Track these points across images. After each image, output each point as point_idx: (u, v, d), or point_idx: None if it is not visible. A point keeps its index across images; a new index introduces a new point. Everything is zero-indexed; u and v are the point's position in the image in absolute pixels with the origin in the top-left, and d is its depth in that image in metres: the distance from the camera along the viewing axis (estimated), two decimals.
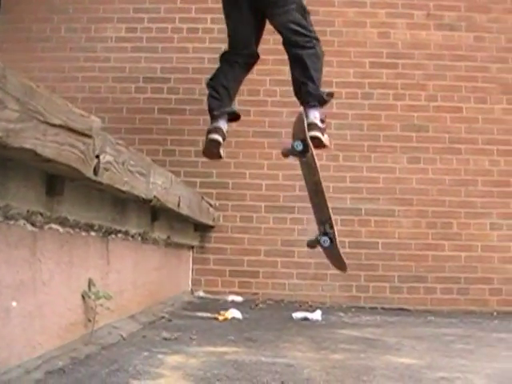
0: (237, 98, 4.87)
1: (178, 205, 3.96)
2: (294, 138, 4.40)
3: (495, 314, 5.52)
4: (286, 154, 4.51)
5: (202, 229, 5.71)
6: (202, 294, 5.66)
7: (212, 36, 6.10)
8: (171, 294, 4.82)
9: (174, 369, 2.41)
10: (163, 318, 3.86)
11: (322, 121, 4.48)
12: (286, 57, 4.71)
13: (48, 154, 1.82)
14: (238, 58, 4.61)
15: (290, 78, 5.93)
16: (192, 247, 5.73)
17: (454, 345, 3.54)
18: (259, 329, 3.76)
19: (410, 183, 5.91)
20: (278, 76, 5.96)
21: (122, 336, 2.98)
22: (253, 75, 5.99)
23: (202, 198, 5.21)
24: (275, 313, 4.77)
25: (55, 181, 2.17)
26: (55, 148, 1.86)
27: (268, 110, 5.99)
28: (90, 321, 2.73)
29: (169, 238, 4.38)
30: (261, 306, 5.23)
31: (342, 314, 5.01)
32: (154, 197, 3.25)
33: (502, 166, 5.93)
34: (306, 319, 4.39)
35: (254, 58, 4.70)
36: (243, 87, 5.98)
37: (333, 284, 5.78)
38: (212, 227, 5.80)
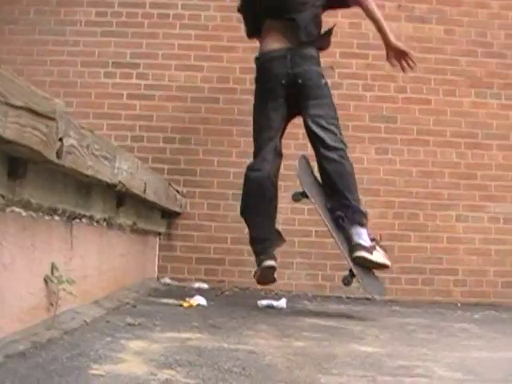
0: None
1: (144, 190, 3.94)
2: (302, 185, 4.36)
3: (459, 304, 5.57)
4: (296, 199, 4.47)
5: (169, 215, 5.69)
6: (168, 280, 5.65)
7: (183, 22, 6.07)
8: (137, 280, 4.80)
9: (135, 354, 2.40)
10: (128, 303, 3.84)
11: (373, 239, 4.28)
12: (256, 45, 4.71)
13: (9, 135, 1.80)
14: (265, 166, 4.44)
15: None
16: (159, 234, 5.71)
17: (416, 334, 3.57)
18: (224, 316, 3.76)
19: (377, 174, 5.94)
20: (247, 64, 5.93)
21: (85, 321, 2.96)
22: (222, 63, 6.01)
23: (169, 184, 5.19)
24: (241, 300, 4.78)
25: (17, 163, 2.14)
26: (16, 130, 1.84)
27: (237, 98, 5.97)
28: (52, 305, 2.71)
29: (135, 224, 4.36)
30: (226, 293, 5.24)
31: (307, 303, 5.03)
32: (120, 182, 3.23)
33: (470, 158, 5.98)
34: (271, 307, 4.40)
35: (280, 157, 4.56)
36: (212, 74, 6.00)
37: (299, 273, 5.79)
38: (179, 214, 5.78)
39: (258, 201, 4.43)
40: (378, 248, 4.21)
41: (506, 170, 5.97)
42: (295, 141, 5.58)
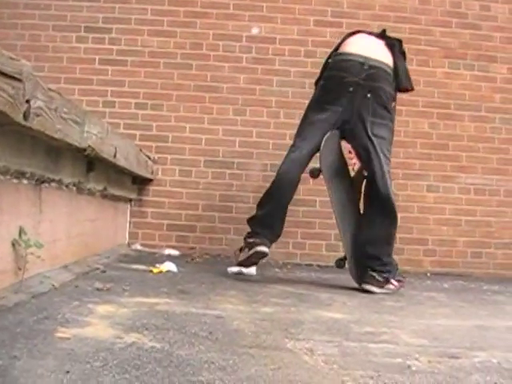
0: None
1: (115, 155, 3.92)
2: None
3: (428, 274, 5.63)
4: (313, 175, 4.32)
5: (140, 182, 5.68)
6: (138, 247, 5.64)
7: None
8: (107, 246, 4.78)
9: (103, 318, 2.40)
10: (97, 269, 3.84)
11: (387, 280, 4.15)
12: (229, 11, 4.67)
13: None
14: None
15: (233, 33, 5.94)
16: (130, 200, 5.69)
17: (384, 302, 3.61)
18: (193, 282, 3.76)
19: None
20: (221, 30, 5.92)
21: (53, 285, 2.95)
22: (196, 29, 5.97)
23: (141, 150, 5.17)
24: (211, 267, 4.78)
25: None
26: None
27: (210, 65, 5.93)
28: (20, 269, 2.69)
29: (105, 189, 4.34)
30: (197, 260, 5.24)
31: (277, 270, 5.06)
32: (89, 146, 3.20)
33: (442, 129, 6.01)
34: (240, 274, 4.41)
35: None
36: (185, 40, 5.95)
37: None
38: (150, 180, 5.76)
39: (283, 185, 4.31)
40: (391, 282, 4.13)
41: (477, 142, 6.01)
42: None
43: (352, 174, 4.39)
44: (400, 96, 5.94)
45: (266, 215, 4.27)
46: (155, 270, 4.11)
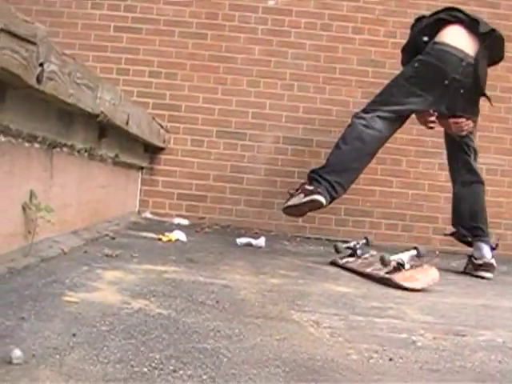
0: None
1: (127, 123, 3.92)
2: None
3: (437, 252, 5.61)
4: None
5: (152, 150, 5.68)
6: (148, 215, 5.65)
7: None
8: (117, 213, 4.80)
9: (110, 283, 2.42)
10: (107, 235, 3.85)
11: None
12: None
13: None
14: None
15: (249, 4, 5.90)
16: (141, 168, 5.70)
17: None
18: (202, 251, 3.78)
19: None
20: (237, 1, 5.88)
21: (62, 250, 2.97)
22: None
23: (153, 118, 5.16)
24: (220, 237, 4.80)
25: None
26: None
27: (225, 35, 5.89)
28: (30, 233, 2.70)
29: (117, 156, 4.34)
30: (206, 230, 5.25)
31: (286, 243, 5.06)
32: (102, 112, 3.20)
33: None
34: (249, 245, 4.42)
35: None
36: (201, 9, 5.92)
37: (280, 213, 5.75)
38: (162, 149, 5.76)
39: (365, 150, 4.27)
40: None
41: (491, 122, 5.95)
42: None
43: None
44: None
45: (340, 169, 4.17)
46: (164, 239, 4.12)
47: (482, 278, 4.10)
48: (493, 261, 4.19)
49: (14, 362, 1.38)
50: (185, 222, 5.50)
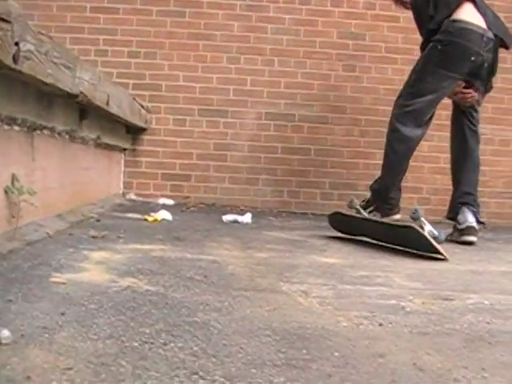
0: None
1: (107, 103, 3.89)
2: None
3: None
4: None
5: (134, 131, 5.65)
6: (133, 196, 5.64)
7: None
8: (101, 195, 4.78)
9: (98, 263, 2.40)
10: (92, 218, 3.84)
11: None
12: None
13: None
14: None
15: None
16: (124, 149, 5.67)
17: (379, 247, 3.62)
18: (188, 230, 3.77)
19: (344, 91, 5.92)
20: None
21: (47, 233, 2.95)
22: None
23: (134, 98, 5.13)
24: (206, 216, 4.79)
25: None
26: None
27: (203, 12, 5.86)
28: (13, 217, 2.68)
29: (99, 138, 4.31)
30: (192, 209, 5.25)
31: (272, 218, 5.06)
32: (81, 92, 3.17)
33: None
34: (235, 222, 4.42)
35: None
36: None
37: (264, 189, 5.81)
38: (144, 130, 5.73)
39: (408, 156, 4.47)
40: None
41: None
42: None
43: None
44: (396, 45, 5.95)
45: (395, 174, 4.56)
46: (150, 219, 4.11)
47: (466, 242, 4.15)
48: (475, 225, 4.24)
49: (3, 342, 1.37)
50: (170, 201, 5.48)
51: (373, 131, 5.90)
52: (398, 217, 4.44)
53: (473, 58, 4.19)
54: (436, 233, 3.76)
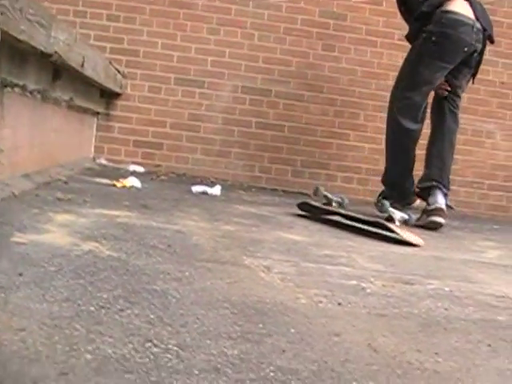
0: None
1: (82, 65, 3.83)
2: None
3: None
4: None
5: (109, 95, 5.59)
6: (103, 161, 5.59)
7: None
8: (71, 158, 4.73)
9: (61, 226, 2.38)
10: (60, 180, 3.80)
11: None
12: None
13: None
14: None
15: None
16: (97, 113, 5.62)
17: (346, 227, 3.62)
18: (156, 198, 3.75)
19: (322, 70, 5.90)
20: None
21: (13, 193, 2.91)
22: None
23: (110, 62, 5.08)
24: (176, 185, 4.77)
25: None
26: None
27: None
28: None
29: (71, 99, 4.26)
30: (162, 177, 5.22)
31: (242, 192, 5.06)
32: (55, 52, 3.12)
33: None
34: (205, 193, 4.41)
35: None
36: None
37: (236, 163, 5.80)
38: (119, 95, 5.68)
39: (413, 147, 4.54)
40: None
41: None
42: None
43: None
44: (377, 28, 5.94)
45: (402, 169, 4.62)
46: (119, 185, 4.08)
47: (434, 223, 4.20)
48: (444, 207, 4.29)
49: None
50: (140, 169, 5.45)
51: (348, 112, 5.91)
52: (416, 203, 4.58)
53: (466, 49, 4.31)
54: (406, 216, 3.80)
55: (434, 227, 4.20)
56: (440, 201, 4.30)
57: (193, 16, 5.77)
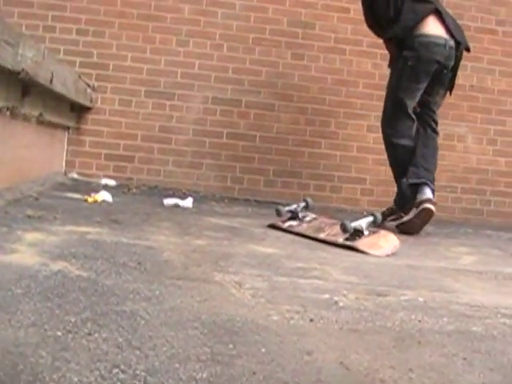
0: None
1: (51, 81, 3.81)
2: None
3: (365, 213, 5.65)
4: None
5: (79, 109, 5.56)
6: (75, 175, 5.56)
7: None
8: (42, 173, 4.70)
9: (30, 245, 2.36)
10: (30, 196, 3.77)
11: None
12: None
13: None
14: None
15: None
16: (67, 128, 5.58)
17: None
18: (127, 212, 3.73)
19: (292, 79, 5.92)
20: None
21: None
22: None
23: (80, 77, 5.05)
24: (147, 198, 4.76)
25: None
26: None
27: None
28: None
29: (41, 115, 4.23)
30: (134, 190, 5.20)
31: (214, 204, 5.05)
32: (23, 70, 3.10)
33: (384, 70, 5.96)
34: (177, 206, 4.39)
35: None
36: None
37: (208, 174, 5.79)
38: (89, 109, 5.66)
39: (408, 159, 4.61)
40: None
41: None
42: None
43: None
44: (345, 35, 5.97)
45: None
46: (90, 200, 4.06)
47: (427, 210, 4.34)
48: (433, 199, 4.45)
49: None
50: (112, 182, 5.43)
51: (319, 120, 5.93)
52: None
53: (436, 67, 4.48)
54: (371, 218, 3.66)
55: (428, 216, 4.36)
56: (429, 194, 4.42)
57: (162, 28, 5.76)
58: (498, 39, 6.21)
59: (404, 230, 4.39)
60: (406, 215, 4.51)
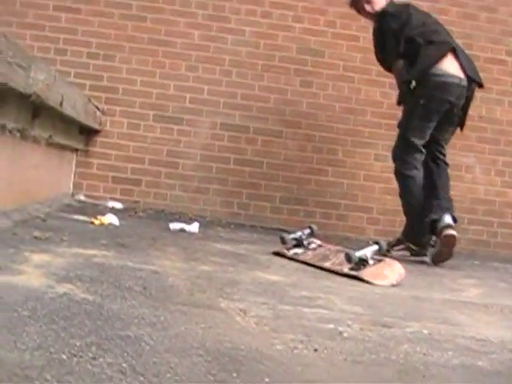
0: None
1: (61, 104, 3.84)
2: None
3: (370, 242, 5.63)
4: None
5: (88, 132, 5.60)
6: (82, 197, 5.58)
7: None
8: (50, 194, 4.72)
9: (37, 267, 2.36)
10: (38, 217, 3.78)
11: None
12: None
13: None
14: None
15: None
16: (76, 150, 5.61)
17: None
18: (134, 236, 3.74)
19: (300, 106, 5.95)
20: None
21: None
22: None
23: (89, 100, 5.08)
24: (154, 222, 4.76)
25: None
26: None
27: (165, 19, 5.85)
28: None
29: (51, 137, 4.26)
30: (140, 214, 5.21)
31: (220, 229, 5.04)
32: (34, 92, 3.13)
33: (393, 99, 5.98)
34: (182, 231, 4.40)
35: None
36: None
37: (215, 199, 5.80)
38: (98, 131, 5.69)
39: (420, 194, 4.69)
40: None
41: None
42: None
43: None
44: (354, 64, 5.99)
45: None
46: (96, 222, 4.07)
47: (449, 238, 4.41)
48: (452, 223, 4.49)
49: None
50: (119, 205, 5.44)
51: (326, 148, 5.94)
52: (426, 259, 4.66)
53: (447, 106, 4.54)
54: (376, 247, 3.63)
55: (451, 241, 4.41)
56: (447, 220, 4.47)
57: (172, 53, 5.80)
58: (508, 70, 6.23)
59: (438, 261, 4.51)
60: (416, 247, 4.64)
